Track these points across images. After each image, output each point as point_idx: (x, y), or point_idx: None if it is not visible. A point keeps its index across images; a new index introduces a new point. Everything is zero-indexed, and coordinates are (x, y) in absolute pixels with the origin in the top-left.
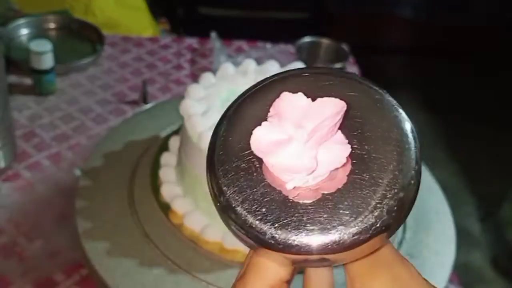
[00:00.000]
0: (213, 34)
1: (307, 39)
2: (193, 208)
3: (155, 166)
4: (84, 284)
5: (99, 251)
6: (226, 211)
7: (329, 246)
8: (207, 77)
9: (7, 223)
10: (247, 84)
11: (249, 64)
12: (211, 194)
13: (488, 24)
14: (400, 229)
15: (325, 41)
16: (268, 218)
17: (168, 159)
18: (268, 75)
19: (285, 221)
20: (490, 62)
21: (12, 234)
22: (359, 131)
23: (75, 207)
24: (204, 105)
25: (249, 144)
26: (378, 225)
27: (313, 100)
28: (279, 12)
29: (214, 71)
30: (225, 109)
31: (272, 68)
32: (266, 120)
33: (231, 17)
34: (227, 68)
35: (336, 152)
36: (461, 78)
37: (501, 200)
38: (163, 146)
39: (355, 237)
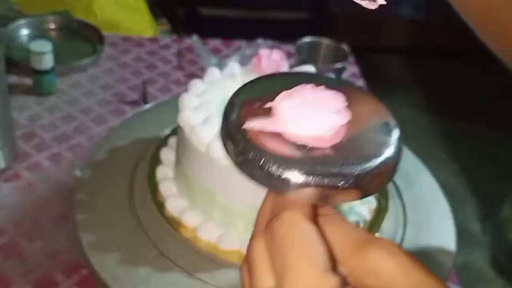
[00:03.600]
0: (194, 37)
1: (307, 39)
2: (190, 206)
3: (155, 166)
4: (84, 284)
5: (99, 252)
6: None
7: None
8: (196, 85)
9: (7, 223)
10: (237, 86)
11: (234, 66)
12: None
13: None
14: (401, 228)
15: (325, 41)
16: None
17: (168, 156)
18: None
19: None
20: (492, 62)
21: (12, 235)
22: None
23: (74, 207)
24: (202, 114)
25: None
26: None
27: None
28: (279, 12)
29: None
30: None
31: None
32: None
33: (231, 18)
34: (214, 72)
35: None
36: (462, 78)
37: (501, 200)
38: (163, 147)
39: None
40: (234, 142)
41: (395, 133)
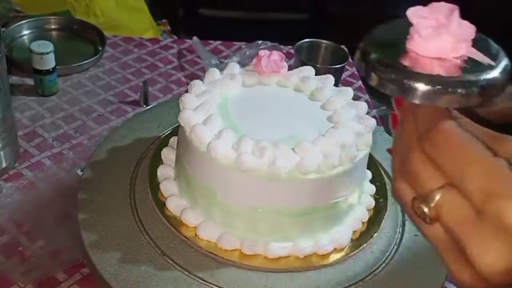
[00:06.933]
0: (195, 38)
1: (306, 40)
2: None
3: (155, 165)
4: (86, 283)
5: (100, 251)
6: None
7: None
8: (197, 85)
9: (9, 222)
10: (237, 86)
11: (234, 67)
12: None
13: (488, 24)
14: (400, 227)
15: (324, 42)
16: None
17: (169, 156)
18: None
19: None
20: None
21: (13, 234)
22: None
23: (76, 206)
24: (203, 114)
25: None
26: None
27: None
28: (279, 13)
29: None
30: (225, 115)
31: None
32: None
33: (232, 18)
34: (214, 73)
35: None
36: None
37: None
38: (164, 147)
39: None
40: (384, 71)
41: (504, 56)
